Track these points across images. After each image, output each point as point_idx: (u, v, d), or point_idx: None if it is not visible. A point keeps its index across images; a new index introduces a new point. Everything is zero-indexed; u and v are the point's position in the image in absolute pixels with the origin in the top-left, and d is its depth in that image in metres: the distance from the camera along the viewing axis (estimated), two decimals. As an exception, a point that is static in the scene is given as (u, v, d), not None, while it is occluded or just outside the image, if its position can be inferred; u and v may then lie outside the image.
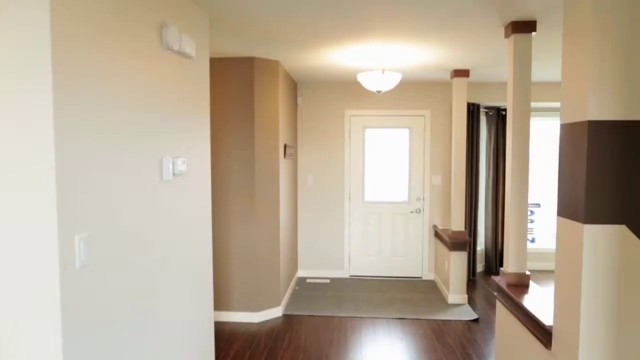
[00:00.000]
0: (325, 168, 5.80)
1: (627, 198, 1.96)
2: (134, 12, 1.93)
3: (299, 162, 5.82)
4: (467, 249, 4.76)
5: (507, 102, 3.11)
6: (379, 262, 5.84)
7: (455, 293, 4.78)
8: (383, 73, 3.84)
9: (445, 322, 4.30)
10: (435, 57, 4.13)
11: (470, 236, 5.69)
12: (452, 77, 4.77)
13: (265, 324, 4.25)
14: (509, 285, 3.04)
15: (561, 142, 2.21)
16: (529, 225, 6.38)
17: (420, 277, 5.78)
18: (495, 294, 3.18)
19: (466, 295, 4.80)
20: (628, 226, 1.96)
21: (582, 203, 2.01)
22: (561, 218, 2.20)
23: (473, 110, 5.57)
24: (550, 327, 2.32)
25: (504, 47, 3.43)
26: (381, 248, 5.83)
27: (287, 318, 4.40)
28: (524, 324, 2.69)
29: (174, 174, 2.37)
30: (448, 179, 5.59)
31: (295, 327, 4.19)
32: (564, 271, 2.17)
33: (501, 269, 3.21)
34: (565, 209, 2.16)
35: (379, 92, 4.05)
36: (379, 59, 4.15)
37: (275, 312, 4.43)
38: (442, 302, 4.85)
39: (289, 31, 3.30)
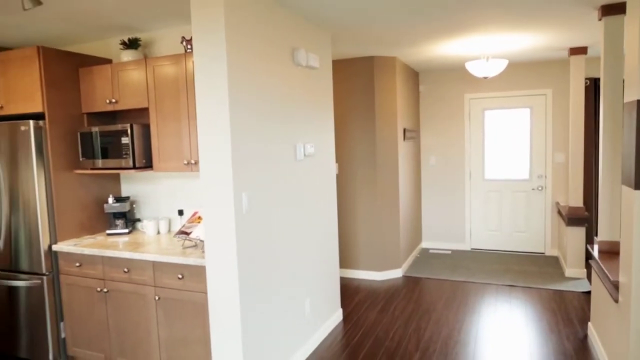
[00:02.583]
0: (446, 149, 6.28)
1: (674, 167, 2.24)
2: (274, 39, 2.85)
3: (422, 144, 6.39)
4: (585, 224, 4.83)
5: (601, 81, 3.32)
6: (500, 237, 6.13)
7: (573, 267, 4.91)
8: (487, 61, 4.24)
9: (556, 291, 4.54)
10: (542, 40, 4.34)
11: (596, 214, 5.61)
12: (569, 55, 4.83)
13: (386, 281, 5.04)
14: (601, 252, 3.30)
15: (624, 119, 2.52)
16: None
17: (543, 253, 5.91)
18: (590, 261, 3.45)
19: (584, 270, 4.89)
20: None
21: (633, 171, 2.34)
22: (622, 186, 2.52)
23: (599, 86, 5.44)
24: (616, 281, 2.65)
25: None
26: (502, 223, 6.11)
27: (406, 278, 5.12)
28: (604, 283, 3.00)
29: (304, 155, 3.29)
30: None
31: (412, 285, 4.88)
32: (624, 232, 2.50)
33: (595, 237, 3.45)
34: (624, 178, 2.48)
35: (485, 77, 4.44)
36: (485, 47, 4.52)
37: (395, 273, 5.18)
38: (558, 275, 5.02)
39: (401, 34, 3.95)
